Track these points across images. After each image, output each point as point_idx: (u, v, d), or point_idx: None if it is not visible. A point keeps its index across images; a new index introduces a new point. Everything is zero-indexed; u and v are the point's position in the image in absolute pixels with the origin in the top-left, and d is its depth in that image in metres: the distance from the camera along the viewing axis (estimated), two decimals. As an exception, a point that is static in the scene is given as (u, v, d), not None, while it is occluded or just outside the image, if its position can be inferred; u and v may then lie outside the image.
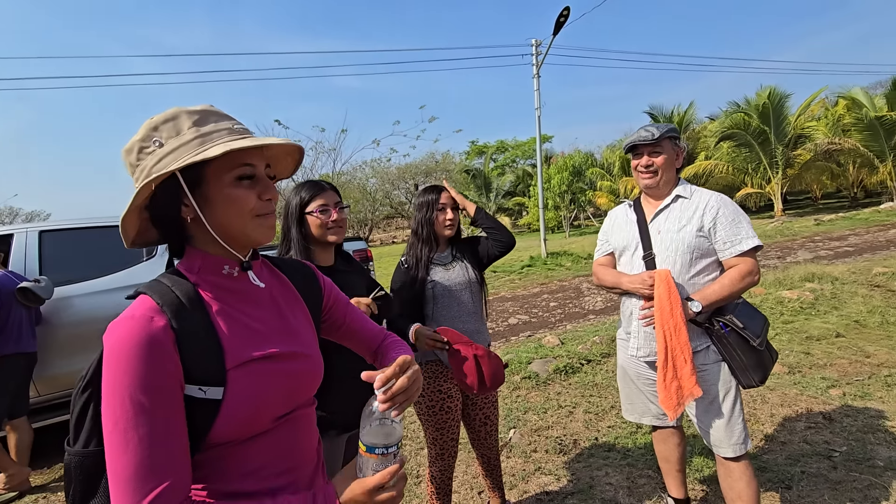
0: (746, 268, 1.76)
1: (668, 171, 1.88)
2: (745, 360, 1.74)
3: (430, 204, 1.96)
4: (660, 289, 1.77)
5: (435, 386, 1.94)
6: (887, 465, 2.38)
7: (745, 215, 1.83)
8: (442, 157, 35.94)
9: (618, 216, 2.09)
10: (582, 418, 3.20)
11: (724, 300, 1.77)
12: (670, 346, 1.76)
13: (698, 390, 1.75)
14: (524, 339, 5.43)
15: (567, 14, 11.32)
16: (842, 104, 19.17)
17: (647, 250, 1.89)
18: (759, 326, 1.77)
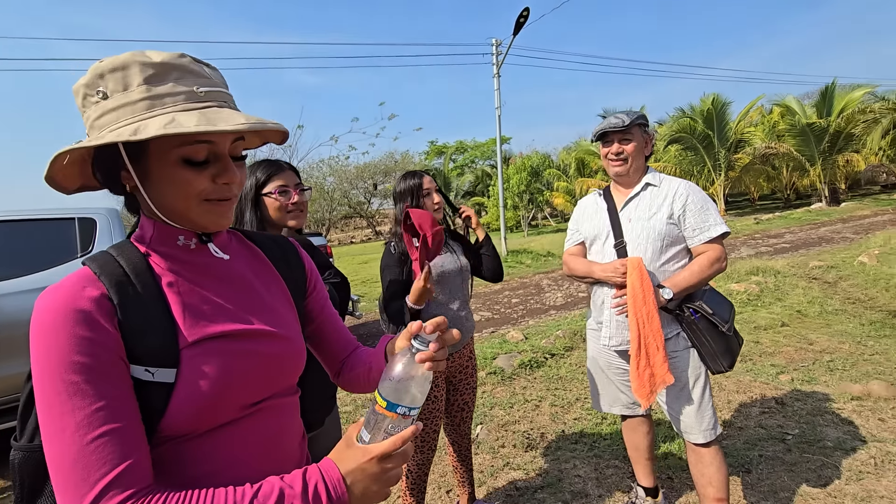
0: (715, 254, 1.77)
1: (637, 158, 1.87)
2: (715, 346, 1.75)
3: (415, 190, 1.87)
4: (632, 276, 1.75)
5: None
6: (836, 445, 2.49)
7: (713, 203, 1.85)
8: (401, 157, 35.71)
9: (588, 205, 2.07)
10: (548, 411, 3.18)
11: (693, 287, 1.78)
12: (643, 334, 1.74)
13: (670, 377, 1.74)
14: (488, 335, 5.40)
15: (527, 15, 11.47)
16: (777, 111, 20.51)
17: (619, 238, 1.88)
18: (727, 312, 1.79)
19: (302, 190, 1.52)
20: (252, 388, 0.69)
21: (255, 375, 0.70)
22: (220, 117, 0.61)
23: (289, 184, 1.49)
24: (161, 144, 0.63)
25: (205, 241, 0.73)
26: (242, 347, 0.69)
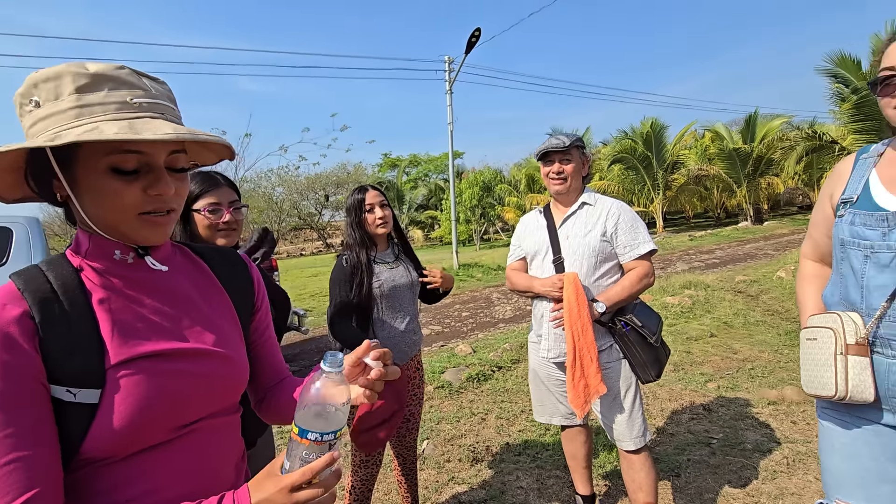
0: (644, 270, 1.89)
1: (576, 178, 1.98)
2: (644, 356, 1.86)
3: (357, 206, 1.91)
4: (568, 291, 1.83)
5: None
6: (755, 447, 2.69)
7: (642, 222, 1.98)
8: (354, 169, 35.33)
9: (529, 222, 2.15)
10: (494, 424, 3.22)
11: (625, 301, 1.88)
12: (578, 347, 1.83)
13: (603, 387, 1.83)
14: (437, 348, 5.41)
15: (478, 35, 11.80)
16: (708, 136, 22.13)
17: (557, 254, 1.96)
18: (654, 324, 1.91)
19: (237, 208, 1.47)
20: (184, 409, 0.67)
21: (187, 396, 0.67)
22: (147, 127, 0.60)
23: (222, 201, 1.45)
24: (90, 153, 0.61)
25: (142, 254, 0.71)
26: (175, 367, 0.67)
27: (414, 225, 30.94)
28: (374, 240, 1.94)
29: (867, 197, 1.17)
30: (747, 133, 20.32)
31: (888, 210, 1.11)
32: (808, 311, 1.34)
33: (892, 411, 1.12)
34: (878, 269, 1.10)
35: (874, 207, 1.14)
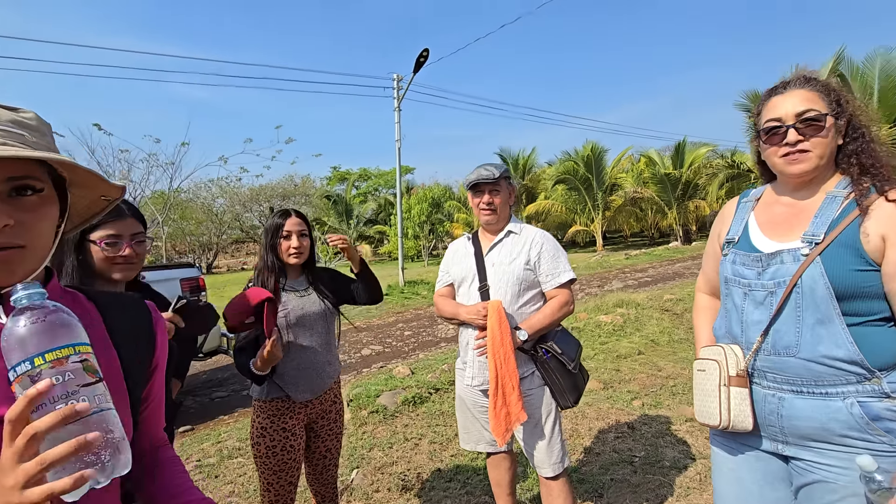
0: (564, 298, 1.96)
1: (504, 208, 2.03)
2: (563, 383, 1.90)
3: (275, 229, 1.84)
4: (492, 319, 1.85)
5: (279, 424, 1.79)
6: (672, 464, 2.81)
7: (564, 251, 2.05)
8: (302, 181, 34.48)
9: (457, 248, 2.18)
10: (427, 450, 3.18)
11: (546, 328, 1.93)
12: (500, 375, 1.84)
13: (524, 415, 1.85)
14: (376, 370, 5.31)
15: (426, 55, 11.98)
16: (643, 161, 23.64)
17: (483, 281, 1.99)
18: (573, 351, 1.96)
19: (139, 241, 1.38)
20: None
21: None
22: None
23: (122, 233, 1.34)
24: None
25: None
26: None
27: (362, 240, 30.55)
28: (284, 267, 1.88)
29: (746, 238, 1.28)
30: (677, 159, 21.89)
31: (762, 252, 1.21)
32: (701, 342, 1.43)
33: (769, 438, 1.21)
34: (755, 305, 1.20)
35: (751, 248, 1.24)
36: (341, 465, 3.02)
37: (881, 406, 1.04)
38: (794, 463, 1.17)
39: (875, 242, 1.04)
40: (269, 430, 1.77)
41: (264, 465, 1.78)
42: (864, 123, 1.14)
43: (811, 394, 1.11)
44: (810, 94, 1.15)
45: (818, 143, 1.13)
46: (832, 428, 1.08)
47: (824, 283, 1.07)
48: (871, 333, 1.06)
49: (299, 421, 1.83)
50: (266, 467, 1.77)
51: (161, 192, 20.47)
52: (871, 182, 1.10)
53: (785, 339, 1.13)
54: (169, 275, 4.21)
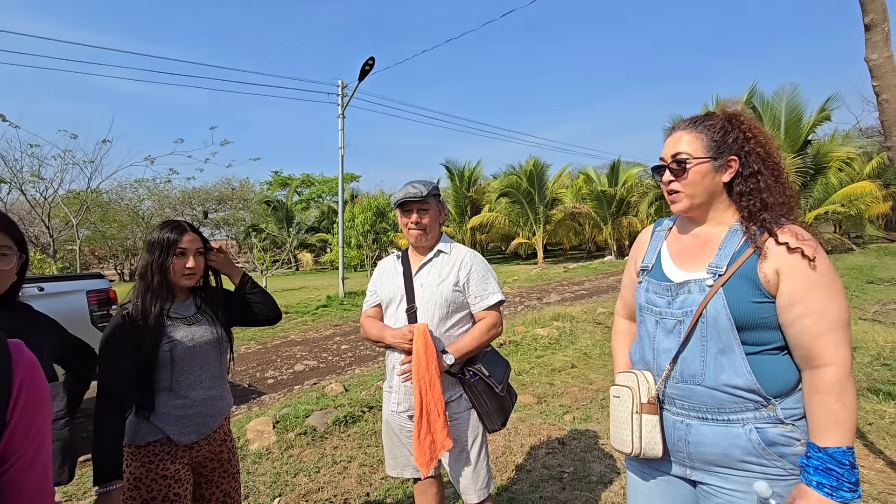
0: (492, 321, 1.93)
1: (433, 227, 1.97)
2: (490, 405, 1.87)
3: (167, 245, 1.57)
4: (417, 343, 1.79)
5: (159, 470, 1.51)
6: (599, 479, 2.88)
7: (493, 272, 2.02)
8: (240, 185, 32.91)
9: (386, 268, 2.11)
10: (356, 473, 3.05)
11: (474, 351, 1.89)
12: (425, 401, 1.77)
13: (449, 443, 1.79)
14: (308, 387, 5.07)
15: (372, 63, 11.88)
16: (581, 178, 24.71)
17: (411, 303, 1.92)
18: (501, 374, 1.94)
19: (2, 255, 1.19)
20: None
21: None
22: None
23: None
24: None
25: None
26: None
27: (303, 248, 29.58)
28: (173, 290, 1.63)
29: (658, 267, 1.31)
30: (612, 177, 23.11)
31: (672, 281, 1.24)
32: (618, 366, 1.45)
33: (678, 463, 1.23)
34: (665, 333, 1.23)
35: (663, 277, 1.28)
36: (262, 494, 2.83)
37: (775, 432, 1.09)
38: (701, 487, 1.21)
39: (770, 276, 1.10)
40: (146, 481, 1.49)
41: None
42: (758, 165, 1.18)
43: (715, 420, 1.14)
44: (690, 135, 1.21)
45: (686, 185, 1.20)
46: (733, 454, 1.12)
47: (726, 314, 1.11)
48: (766, 362, 1.11)
49: (183, 465, 1.58)
50: None
51: (77, 193, 18.75)
52: (757, 227, 1.14)
53: (691, 368, 1.16)
54: (72, 286, 3.78)
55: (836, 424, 1.00)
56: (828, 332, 1.04)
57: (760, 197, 1.16)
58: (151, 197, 26.19)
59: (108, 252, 28.39)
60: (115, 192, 23.32)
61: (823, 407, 1.02)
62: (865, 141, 20.24)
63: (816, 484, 1.00)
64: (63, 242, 20.02)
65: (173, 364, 1.56)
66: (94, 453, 1.42)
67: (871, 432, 3.28)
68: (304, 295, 14.20)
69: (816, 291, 1.05)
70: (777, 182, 1.18)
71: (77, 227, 16.79)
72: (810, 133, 16.73)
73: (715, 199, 1.22)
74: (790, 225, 1.13)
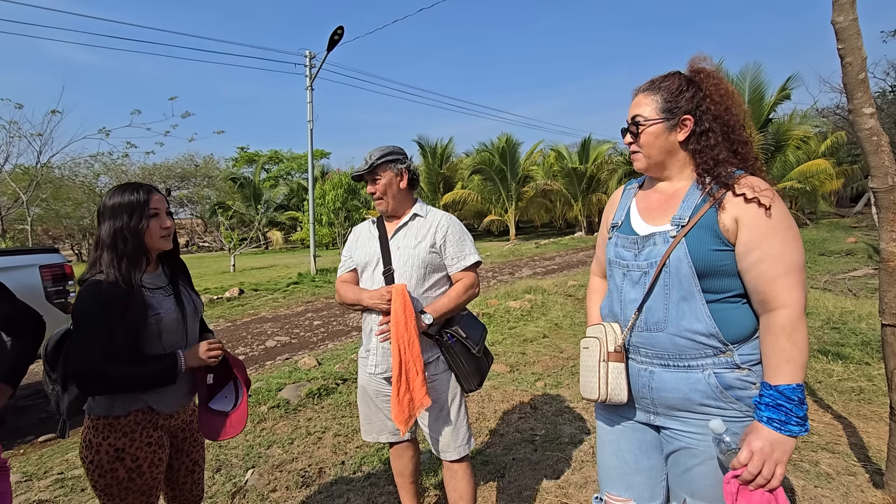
0: (469, 281, 1.95)
1: (391, 192, 1.95)
2: (468, 367, 1.89)
3: (139, 206, 1.46)
4: (396, 303, 1.79)
5: (144, 438, 1.46)
6: (570, 440, 2.98)
7: (469, 234, 2.03)
8: (204, 161, 31.69)
9: (361, 233, 2.09)
10: (330, 443, 3.06)
11: (452, 311, 1.91)
12: (404, 360, 1.79)
13: (428, 400, 1.81)
14: (280, 362, 5.02)
15: (341, 33, 11.48)
16: (552, 155, 24.86)
17: (387, 266, 1.92)
18: (478, 335, 1.96)
19: None
20: None
21: None
22: None
23: None
24: None
25: None
26: None
27: (273, 226, 28.89)
28: (148, 256, 1.53)
29: (627, 223, 1.33)
30: (583, 155, 23.34)
31: (639, 234, 1.27)
32: (591, 321, 1.48)
33: (643, 409, 1.28)
34: (632, 284, 1.26)
35: (630, 231, 1.30)
36: (235, 466, 2.81)
37: (732, 376, 1.14)
38: (664, 432, 1.26)
39: (729, 225, 1.13)
40: (130, 450, 1.44)
41: (127, 490, 1.44)
42: (709, 122, 1.21)
43: (676, 367, 1.19)
44: (646, 98, 1.26)
45: (644, 144, 1.26)
46: (693, 398, 1.16)
47: (688, 263, 1.14)
48: (725, 309, 1.15)
49: (164, 432, 1.55)
50: (130, 491, 1.45)
51: (26, 168, 17.63)
52: (711, 181, 1.19)
53: (655, 316, 1.20)
54: (24, 261, 3.57)
55: (787, 362, 1.05)
56: (783, 275, 1.08)
57: (711, 154, 1.20)
58: (108, 172, 24.88)
59: (64, 231, 26.99)
60: (68, 168, 22.08)
61: (775, 346, 1.07)
62: (822, 120, 21.09)
63: (767, 419, 1.05)
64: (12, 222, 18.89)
65: (161, 336, 1.49)
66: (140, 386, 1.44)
67: (821, 389, 3.50)
68: (275, 273, 13.94)
69: (773, 237, 1.09)
70: (727, 139, 1.22)
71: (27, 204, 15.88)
72: (771, 112, 17.29)
73: (672, 157, 1.26)
74: (747, 177, 1.16)
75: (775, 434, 1.03)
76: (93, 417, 1.45)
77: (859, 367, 3.79)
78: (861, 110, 1.89)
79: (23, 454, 3.24)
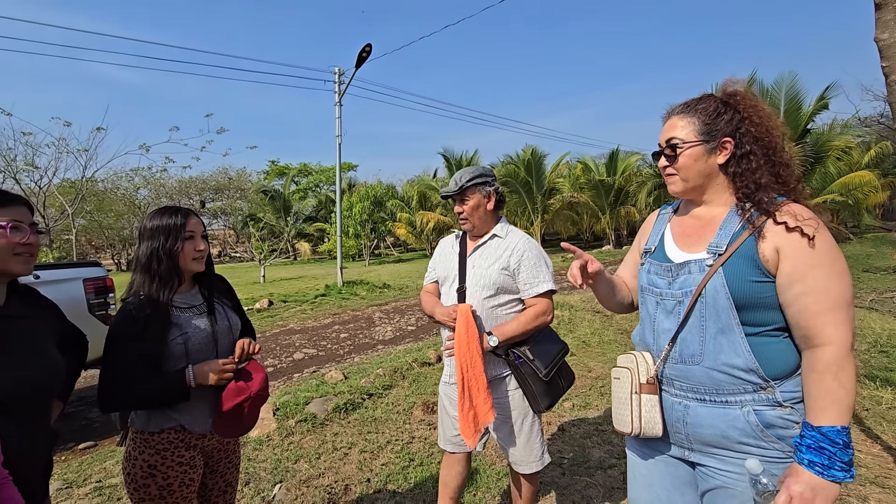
0: (541, 308, 1.95)
1: (477, 214, 2.02)
2: (535, 387, 1.90)
3: (175, 229, 1.52)
4: (459, 323, 1.86)
5: (175, 458, 1.50)
6: (597, 464, 2.90)
7: (548, 260, 2.03)
8: (237, 174, 32.74)
9: (445, 247, 2.20)
10: (357, 459, 3.07)
11: (519, 336, 1.92)
12: (466, 378, 1.85)
13: (492, 416, 1.85)
14: (308, 375, 5.09)
15: (369, 50, 11.76)
16: (579, 167, 24.62)
17: (462, 283, 1.99)
18: (549, 358, 1.93)
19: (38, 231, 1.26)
20: None
21: None
22: None
23: (23, 220, 1.24)
24: None
25: None
26: None
27: (301, 237, 29.51)
28: (181, 277, 1.56)
29: (661, 249, 1.31)
30: (611, 167, 23.02)
31: (673, 262, 1.24)
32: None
33: (677, 444, 1.24)
34: (665, 314, 1.22)
35: (664, 258, 1.27)
36: (263, 480, 2.85)
37: (773, 414, 1.09)
38: (700, 469, 1.21)
39: (770, 255, 1.09)
40: (161, 468, 1.48)
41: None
42: (750, 145, 1.17)
43: (713, 402, 1.14)
44: (682, 120, 1.22)
45: (681, 168, 1.21)
46: (731, 435, 1.12)
47: (725, 294, 1.11)
48: (766, 343, 1.10)
49: (197, 452, 1.57)
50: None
51: (72, 181, 18.59)
52: (754, 208, 1.14)
53: (690, 348, 1.16)
54: (69, 274, 3.76)
55: (832, 403, 1.00)
56: (828, 311, 1.03)
57: (753, 178, 1.16)
58: (147, 186, 26.00)
59: (105, 242, 28.29)
60: (111, 181, 23.16)
61: (820, 386, 1.01)
62: (864, 130, 20.19)
63: (808, 462, 0.99)
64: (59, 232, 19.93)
65: (188, 356, 1.52)
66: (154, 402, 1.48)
67: (868, 418, 3.31)
68: (303, 284, 14.18)
69: (817, 269, 1.04)
70: (769, 161, 1.18)
71: (73, 216, 16.72)
72: (809, 122, 16.67)
73: (711, 181, 1.22)
74: (790, 204, 1.12)
75: (817, 479, 0.98)
76: (134, 430, 1.52)
77: (911, 394, 3.57)
78: (909, 130, 1.80)
79: (64, 461, 3.37)
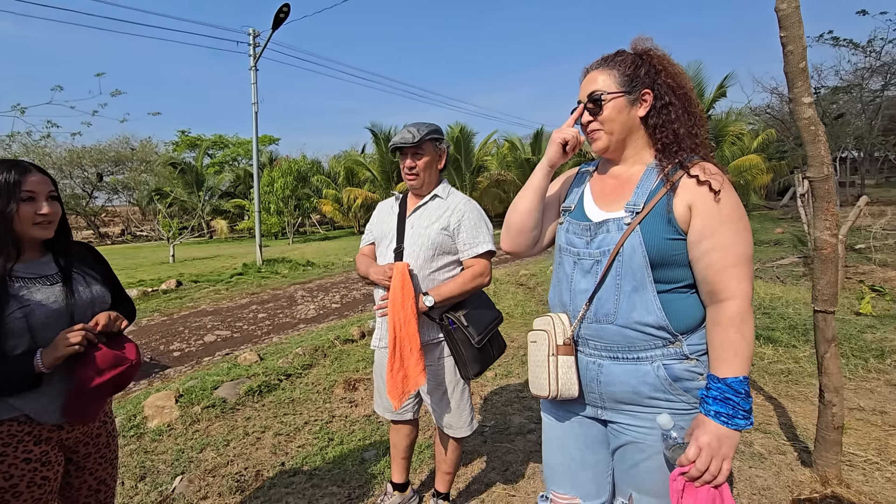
0: (479, 269, 1.90)
1: (429, 171, 1.94)
2: (466, 354, 1.85)
3: (7, 188, 1.25)
4: (395, 280, 1.79)
5: (20, 453, 1.25)
6: (517, 430, 2.95)
7: (488, 222, 1.97)
8: (141, 144, 29.60)
9: (384, 208, 2.12)
10: (270, 443, 2.88)
11: (456, 297, 1.87)
12: (399, 337, 1.79)
13: (422, 379, 1.80)
14: (219, 358, 4.73)
15: (287, 11, 10.92)
16: (506, 146, 25.07)
17: (399, 243, 1.93)
18: (484, 325, 1.87)
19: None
20: None
21: None
22: None
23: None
24: None
25: None
26: None
27: (217, 215, 27.45)
28: (20, 244, 1.31)
29: (580, 208, 1.26)
30: (536, 146, 23.69)
31: (592, 221, 1.20)
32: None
33: (590, 404, 1.22)
34: (582, 274, 1.19)
35: (583, 217, 1.23)
36: (162, 473, 2.58)
37: (681, 367, 1.10)
38: (611, 426, 1.21)
39: (682, 212, 1.08)
40: (2, 466, 1.23)
41: None
42: (669, 96, 1.16)
43: (625, 359, 1.13)
44: (602, 74, 1.19)
45: (604, 121, 1.18)
46: (642, 391, 1.12)
47: (642, 252, 1.09)
48: (675, 300, 1.10)
49: (51, 447, 1.33)
50: None
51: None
52: (670, 161, 1.14)
53: (605, 307, 1.14)
54: None
55: (735, 355, 1.02)
56: (732, 266, 1.05)
57: (672, 128, 1.16)
58: (29, 155, 22.67)
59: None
60: (-22, 149, 19.90)
61: (724, 338, 1.04)
62: (755, 118, 22.47)
63: (714, 413, 1.01)
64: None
65: (32, 332, 1.26)
66: None
67: (753, 372, 3.68)
68: (218, 263, 13.22)
69: (724, 226, 1.06)
70: (687, 112, 1.18)
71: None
72: (710, 109, 18.17)
73: (633, 135, 1.20)
74: (701, 162, 1.12)
75: (722, 428, 1.00)
76: None
77: (787, 350, 4.03)
78: (801, 100, 1.93)
79: None
